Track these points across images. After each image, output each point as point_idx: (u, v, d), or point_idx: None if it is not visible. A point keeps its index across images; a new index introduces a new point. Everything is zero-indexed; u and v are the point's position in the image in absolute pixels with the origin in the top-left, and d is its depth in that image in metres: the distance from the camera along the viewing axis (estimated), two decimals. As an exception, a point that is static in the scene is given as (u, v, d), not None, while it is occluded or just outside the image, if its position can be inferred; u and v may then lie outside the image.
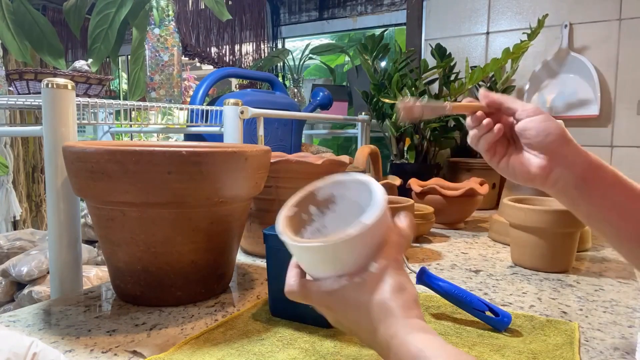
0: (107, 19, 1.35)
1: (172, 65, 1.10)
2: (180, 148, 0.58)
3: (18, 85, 1.08)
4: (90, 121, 0.83)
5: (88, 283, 1.17)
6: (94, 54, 1.36)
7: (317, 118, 1.69)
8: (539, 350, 0.52)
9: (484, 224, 1.28)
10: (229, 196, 0.64)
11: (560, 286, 0.76)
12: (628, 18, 1.50)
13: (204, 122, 1.15)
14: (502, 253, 0.97)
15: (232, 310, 0.64)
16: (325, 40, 2.47)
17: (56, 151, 0.69)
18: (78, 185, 0.62)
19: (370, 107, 1.69)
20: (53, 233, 0.71)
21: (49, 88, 0.67)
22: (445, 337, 0.55)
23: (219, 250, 0.68)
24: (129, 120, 1.07)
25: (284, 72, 2.34)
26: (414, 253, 0.95)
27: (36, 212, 2.74)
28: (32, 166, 2.73)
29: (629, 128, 1.52)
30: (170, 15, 1.10)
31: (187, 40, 2.01)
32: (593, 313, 0.64)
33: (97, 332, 0.56)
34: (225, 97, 1.22)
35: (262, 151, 0.68)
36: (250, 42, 2.32)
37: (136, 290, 0.65)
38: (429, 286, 0.63)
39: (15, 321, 0.60)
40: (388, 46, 1.64)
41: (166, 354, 0.50)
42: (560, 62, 1.59)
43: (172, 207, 0.60)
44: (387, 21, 2.13)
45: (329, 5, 2.24)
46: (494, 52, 1.71)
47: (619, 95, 1.53)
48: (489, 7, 1.73)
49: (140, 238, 0.62)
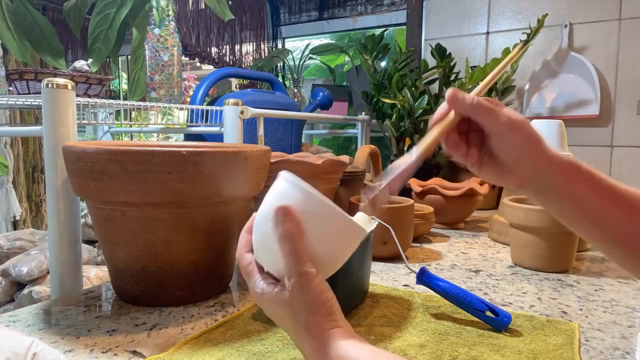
0: (107, 19, 1.35)
1: (172, 65, 1.10)
2: (180, 148, 0.58)
3: (18, 85, 1.08)
4: (90, 121, 0.83)
5: (88, 283, 1.17)
6: (94, 54, 1.36)
7: (317, 118, 1.69)
8: (539, 350, 0.52)
9: (484, 224, 1.28)
10: (229, 196, 0.64)
11: (560, 286, 0.76)
12: (628, 18, 1.50)
13: (204, 122, 1.15)
14: (502, 253, 0.97)
15: (232, 310, 0.64)
16: (325, 40, 2.47)
17: (56, 151, 0.68)
18: (78, 185, 0.62)
19: (370, 107, 1.69)
20: (53, 233, 0.71)
21: (49, 88, 0.67)
22: (445, 337, 0.55)
23: (219, 250, 0.68)
24: (129, 120, 1.07)
25: (284, 72, 2.34)
26: (414, 253, 0.96)
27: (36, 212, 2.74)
28: (32, 166, 2.73)
29: (629, 128, 1.52)
30: (170, 15, 1.10)
31: (187, 40, 2.01)
32: (593, 313, 0.64)
33: (97, 332, 0.56)
34: (225, 97, 1.22)
35: (262, 151, 0.68)
36: (250, 42, 2.32)
37: (136, 290, 0.65)
38: (429, 286, 0.63)
39: (15, 321, 0.60)
40: (388, 46, 1.64)
41: (166, 354, 0.50)
42: (560, 62, 1.59)
43: (172, 207, 0.60)
44: (387, 21, 2.13)
45: (329, 5, 2.24)
46: (494, 52, 1.71)
47: (619, 95, 1.53)
48: (489, 7, 1.73)
49: (140, 238, 0.62)
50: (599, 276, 0.82)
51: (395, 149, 1.61)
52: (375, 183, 0.47)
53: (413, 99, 1.49)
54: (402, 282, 0.77)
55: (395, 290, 0.71)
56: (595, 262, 0.92)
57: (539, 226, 0.82)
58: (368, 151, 1.28)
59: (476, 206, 1.23)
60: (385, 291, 0.71)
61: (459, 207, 1.20)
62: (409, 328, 0.58)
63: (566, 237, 0.82)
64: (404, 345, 0.53)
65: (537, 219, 0.82)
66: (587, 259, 0.94)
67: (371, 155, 1.35)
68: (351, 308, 0.63)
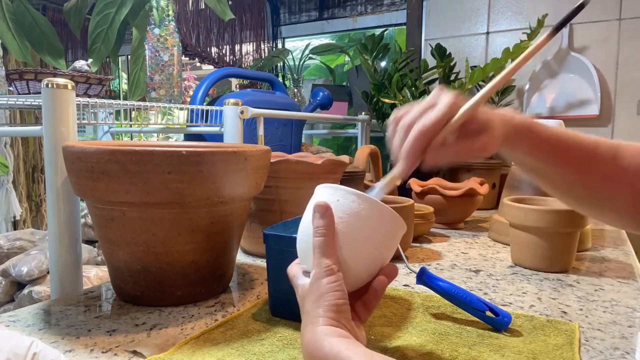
0: (107, 19, 1.35)
1: (172, 65, 1.10)
2: (180, 148, 0.58)
3: (18, 85, 1.08)
4: (90, 121, 0.83)
5: (88, 283, 1.17)
6: (94, 54, 1.36)
7: (317, 118, 1.69)
8: (539, 350, 0.52)
9: (484, 224, 1.28)
10: (229, 196, 0.64)
11: (560, 286, 0.76)
12: (628, 18, 1.50)
13: (204, 122, 1.15)
14: (502, 253, 0.97)
15: (232, 310, 0.64)
16: (325, 40, 2.47)
17: (56, 151, 0.68)
18: (78, 185, 0.62)
19: (370, 107, 1.70)
20: (53, 233, 0.71)
21: (49, 88, 0.67)
22: (445, 337, 0.55)
23: (219, 250, 0.68)
24: (129, 120, 1.07)
25: (284, 72, 2.34)
26: (414, 253, 0.96)
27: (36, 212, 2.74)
28: (32, 166, 2.73)
29: (629, 128, 1.52)
30: (170, 15, 1.10)
31: (187, 40, 2.01)
32: (593, 313, 0.64)
33: (97, 332, 0.56)
34: (225, 97, 1.22)
35: (262, 151, 0.68)
36: (250, 42, 2.32)
37: (136, 290, 0.65)
38: (429, 286, 0.63)
39: (15, 321, 0.60)
40: (388, 46, 1.65)
41: (166, 354, 0.50)
42: (560, 62, 1.59)
43: (172, 207, 0.60)
44: (387, 21, 2.13)
45: (329, 5, 2.24)
46: (494, 52, 1.71)
47: (619, 95, 1.53)
48: (489, 7, 1.73)
49: (140, 238, 0.62)
50: (599, 276, 0.82)
51: (395, 149, 1.61)
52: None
53: (413, 99, 1.49)
54: (402, 282, 0.77)
55: (395, 290, 0.71)
56: (595, 262, 0.92)
57: (539, 226, 0.82)
58: (368, 151, 1.28)
59: (476, 206, 1.23)
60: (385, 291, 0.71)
61: (459, 207, 1.20)
62: (408, 328, 0.58)
63: (566, 237, 0.82)
64: (403, 345, 0.53)
65: (537, 219, 0.82)
66: (587, 259, 0.94)
67: (371, 155, 1.35)
68: (351, 308, 0.63)
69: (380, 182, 0.47)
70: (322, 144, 2.62)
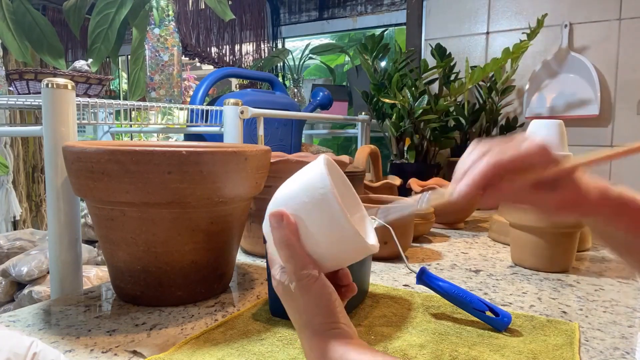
0: (107, 19, 1.35)
1: (172, 65, 1.10)
2: (180, 148, 0.58)
3: (18, 85, 1.08)
4: (90, 121, 0.83)
5: (88, 283, 1.17)
6: (94, 54, 1.36)
7: (317, 118, 1.69)
8: (539, 350, 0.52)
9: (484, 224, 1.28)
10: (229, 196, 0.64)
11: (560, 286, 0.76)
12: (628, 18, 1.50)
13: (204, 122, 1.15)
14: (502, 253, 0.97)
15: (232, 310, 0.64)
16: (325, 40, 2.47)
17: (56, 151, 0.68)
18: (78, 185, 0.62)
19: (370, 107, 1.70)
20: (53, 233, 0.71)
21: (49, 88, 0.67)
22: (445, 337, 0.55)
23: (219, 250, 0.68)
24: (129, 120, 1.07)
25: (284, 72, 2.34)
26: (414, 253, 0.96)
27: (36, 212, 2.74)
28: (32, 166, 2.73)
29: (629, 128, 1.52)
30: (170, 15, 1.10)
31: (187, 40, 2.01)
32: (593, 313, 0.64)
33: (97, 332, 0.56)
34: (225, 97, 1.22)
35: (262, 151, 0.68)
36: (250, 42, 2.32)
37: (136, 290, 0.65)
38: (429, 286, 0.63)
39: (15, 321, 0.60)
40: (388, 46, 1.65)
41: (166, 354, 0.50)
42: (560, 62, 1.59)
43: (172, 207, 0.60)
44: (387, 21, 2.13)
45: (329, 5, 2.24)
46: (494, 52, 1.71)
47: (619, 95, 1.53)
48: (489, 7, 1.73)
49: (140, 238, 0.62)
50: (599, 276, 0.82)
51: (395, 149, 1.61)
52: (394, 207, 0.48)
53: (413, 99, 1.49)
54: (402, 282, 0.77)
55: (395, 290, 0.71)
56: (595, 262, 0.92)
57: (539, 226, 0.82)
58: (368, 151, 1.28)
59: (476, 206, 1.23)
60: (385, 291, 0.71)
61: (459, 207, 1.20)
62: (409, 328, 0.58)
63: (566, 237, 0.82)
64: (404, 345, 0.53)
65: (537, 219, 0.82)
66: (587, 259, 0.94)
67: (371, 155, 1.35)
68: (351, 308, 0.63)
69: (427, 194, 0.44)
70: (322, 144, 2.62)
